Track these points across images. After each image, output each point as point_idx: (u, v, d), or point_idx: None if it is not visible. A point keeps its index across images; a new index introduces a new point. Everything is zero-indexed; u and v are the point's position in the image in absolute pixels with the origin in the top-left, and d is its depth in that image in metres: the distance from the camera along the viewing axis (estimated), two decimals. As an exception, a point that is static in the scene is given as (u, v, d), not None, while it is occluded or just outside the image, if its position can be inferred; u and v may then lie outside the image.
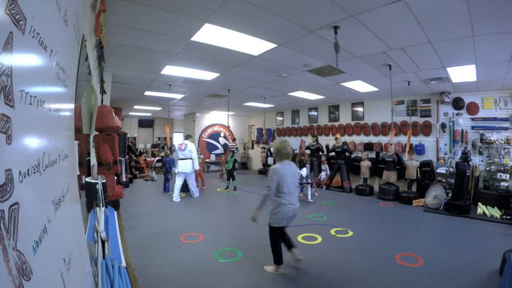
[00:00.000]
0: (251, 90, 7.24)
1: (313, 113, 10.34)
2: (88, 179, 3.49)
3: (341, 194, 7.79)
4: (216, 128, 12.91)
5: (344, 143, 8.33)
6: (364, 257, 3.54)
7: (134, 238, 4.09)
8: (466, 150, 6.10)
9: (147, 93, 7.64)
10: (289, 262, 3.26)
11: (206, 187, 8.08)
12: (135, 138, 15.03)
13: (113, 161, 2.25)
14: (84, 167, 2.82)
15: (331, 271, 3.19)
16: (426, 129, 7.16)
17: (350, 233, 4.41)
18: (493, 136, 6.08)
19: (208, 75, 5.62)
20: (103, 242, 3.03)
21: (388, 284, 2.89)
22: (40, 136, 0.81)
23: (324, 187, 8.36)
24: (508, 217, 5.03)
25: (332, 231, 4.49)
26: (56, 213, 0.91)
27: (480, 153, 6.25)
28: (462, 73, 5.00)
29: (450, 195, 5.86)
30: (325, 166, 8.28)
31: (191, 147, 6.72)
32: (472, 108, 6.43)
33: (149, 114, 14.25)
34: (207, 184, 8.42)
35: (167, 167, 7.74)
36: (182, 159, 6.55)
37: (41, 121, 0.82)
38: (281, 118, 11.96)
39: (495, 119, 6.11)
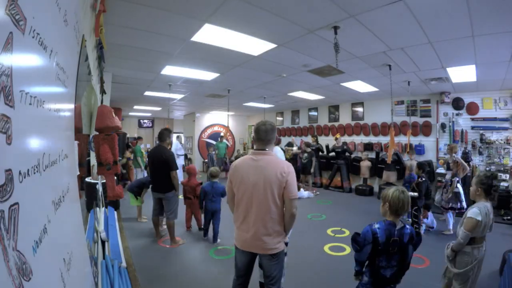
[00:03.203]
0: (251, 90, 7.24)
1: (313, 113, 10.34)
2: (88, 179, 3.49)
3: (341, 194, 7.79)
4: (216, 128, 12.91)
5: (344, 143, 8.33)
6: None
7: (134, 238, 4.09)
8: (467, 150, 6.10)
9: (147, 93, 7.63)
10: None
11: None
12: (135, 138, 14.99)
13: (113, 161, 2.26)
14: (84, 167, 2.82)
15: (326, 270, 3.19)
16: (426, 129, 7.16)
17: (347, 233, 4.41)
18: (493, 136, 6.08)
19: (208, 75, 5.61)
20: (103, 242, 3.03)
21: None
22: (40, 136, 0.81)
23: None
24: (508, 217, 5.03)
25: (329, 231, 4.50)
26: (56, 213, 0.91)
27: (480, 153, 6.25)
28: (462, 73, 5.00)
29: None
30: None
31: None
32: (472, 108, 6.43)
33: (149, 114, 14.24)
34: None
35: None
36: None
37: (41, 121, 0.81)
38: (281, 118, 11.95)
39: (495, 119, 6.12)
